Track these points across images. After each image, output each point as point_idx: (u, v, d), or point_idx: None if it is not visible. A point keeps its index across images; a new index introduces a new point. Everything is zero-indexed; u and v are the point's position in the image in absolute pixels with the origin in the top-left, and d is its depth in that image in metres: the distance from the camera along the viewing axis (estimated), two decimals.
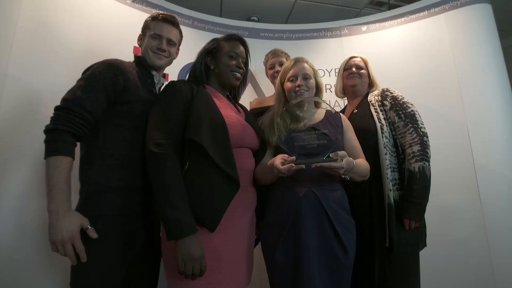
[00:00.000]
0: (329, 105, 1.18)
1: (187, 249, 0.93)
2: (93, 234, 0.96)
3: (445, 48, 2.16)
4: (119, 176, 1.08)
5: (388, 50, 2.37)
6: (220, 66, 1.26)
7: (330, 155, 1.05)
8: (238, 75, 1.27)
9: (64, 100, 1.01)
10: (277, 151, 1.29)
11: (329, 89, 2.38)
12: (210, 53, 1.31)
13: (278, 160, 1.06)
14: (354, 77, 1.69)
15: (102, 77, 1.07)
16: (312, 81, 1.32)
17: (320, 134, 1.13)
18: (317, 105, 1.33)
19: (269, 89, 2.24)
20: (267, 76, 2.06)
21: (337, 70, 2.42)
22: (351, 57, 1.77)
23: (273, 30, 2.56)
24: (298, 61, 1.35)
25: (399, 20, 2.41)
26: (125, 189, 1.08)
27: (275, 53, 1.95)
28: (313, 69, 1.36)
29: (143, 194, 1.13)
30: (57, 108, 1.00)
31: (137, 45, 1.39)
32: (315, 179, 1.18)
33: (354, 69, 1.70)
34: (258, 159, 1.28)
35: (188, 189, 1.02)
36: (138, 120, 1.14)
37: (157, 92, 1.30)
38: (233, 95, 1.43)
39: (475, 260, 1.85)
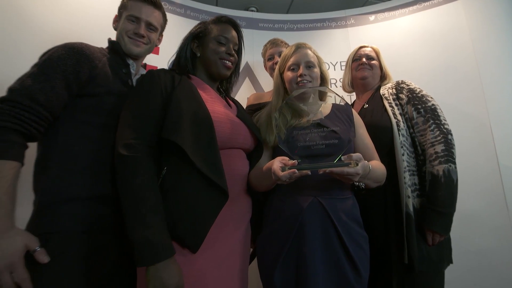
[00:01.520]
0: (339, 95, 0.98)
1: (160, 277, 0.73)
2: (42, 258, 0.77)
3: (464, 38, 1.96)
4: (83, 183, 0.88)
5: (399, 41, 2.18)
6: (207, 52, 1.08)
7: (342, 158, 0.85)
8: (228, 63, 1.08)
9: (10, 90, 0.82)
10: (275, 152, 1.09)
11: (334, 83, 2.18)
12: (196, 38, 1.12)
13: (276, 164, 0.86)
14: (364, 69, 1.50)
15: (61, 63, 0.88)
16: (317, 70, 1.12)
17: (328, 132, 0.93)
18: (322, 97, 1.13)
19: (268, 83, 2.04)
20: (266, 68, 1.86)
21: (342, 64, 2.25)
22: (361, 47, 1.58)
23: (273, 20, 2.37)
24: (300, 47, 1.15)
25: (410, 8, 2.21)
26: (90, 199, 0.89)
27: (274, 43, 1.76)
28: (318, 57, 1.17)
29: (115, 205, 0.94)
30: (0, 101, 0.81)
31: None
32: (321, 186, 0.98)
33: (364, 59, 1.51)
34: (253, 162, 1.09)
35: (165, 201, 0.83)
36: (108, 116, 0.96)
37: (133, 84, 1.11)
38: (225, 88, 1.23)
39: (502, 273, 1.65)
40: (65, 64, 0.88)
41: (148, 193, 0.79)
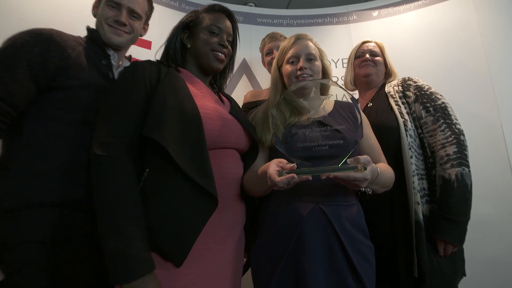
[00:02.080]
0: (343, 88, 0.87)
1: None
2: None
3: (473, 33, 1.86)
4: (51, 187, 0.78)
5: (403, 38, 2.08)
6: (198, 43, 0.98)
7: (348, 160, 0.74)
8: (221, 55, 0.98)
9: None
10: (272, 153, 0.99)
11: (336, 82, 2.08)
12: (187, 28, 1.02)
13: (272, 167, 0.75)
14: (368, 65, 1.40)
15: (25, 51, 0.78)
16: (318, 64, 1.02)
17: (332, 131, 0.82)
18: (324, 92, 1.03)
19: (266, 80, 1.95)
20: (264, 64, 1.76)
21: (344, 61, 2.15)
22: (364, 42, 1.48)
23: (272, 15, 2.28)
24: (300, 38, 1.05)
25: (415, 3, 2.12)
26: (61, 205, 0.79)
27: (273, 37, 1.65)
28: (319, 49, 1.07)
29: (91, 212, 0.83)
30: None
31: None
32: (323, 192, 0.88)
33: (367, 55, 1.41)
34: (247, 164, 0.99)
35: (146, 208, 0.73)
36: (85, 112, 0.86)
37: (115, 77, 1.00)
38: (218, 84, 1.13)
39: None
40: (30, 52, 0.78)
41: (125, 198, 0.69)
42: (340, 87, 0.88)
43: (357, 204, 0.95)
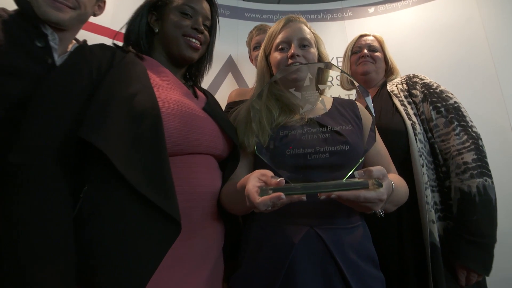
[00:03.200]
0: (347, 74, 0.69)
1: None
2: None
3: (476, 30, 1.73)
4: None
5: (402, 36, 1.95)
6: (167, 27, 0.80)
7: (355, 173, 0.56)
8: (195, 42, 0.80)
9: None
10: (258, 161, 0.80)
11: (330, 81, 1.91)
12: (155, 8, 0.83)
13: (252, 182, 0.55)
14: (366, 62, 1.24)
15: None
16: (314, 51, 0.84)
17: (334, 134, 0.64)
18: (321, 81, 0.84)
19: (254, 78, 1.75)
20: (251, 60, 1.58)
21: (339, 60, 1.99)
22: (361, 36, 1.33)
23: (261, 10, 2.11)
24: (291, 20, 0.87)
25: None
26: None
27: (261, 29, 1.48)
28: (315, 35, 0.89)
29: None
30: None
31: None
32: (320, 211, 0.69)
33: (365, 50, 1.25)
34: (227, 174, 0.79)
35: (82, 236, 0.54)
36: (8, 107, 0.65)
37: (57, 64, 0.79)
38: (194, 78, 0.94)
39: None
40: None
41: (40, 227, 0.49)
42: (342, 71, 0.69)
43: (363, 225, 0.77)
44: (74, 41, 0.89)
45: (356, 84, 0.62)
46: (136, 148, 0.57)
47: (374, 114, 0.60)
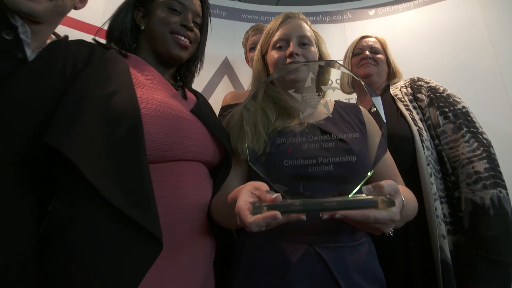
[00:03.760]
0: (353, 74, 0.62)
1: None
2: None
3: (480, 32, 1.69)
4: None
5: (403, 39, 1.91)
6: (154, 23, 0.74)
7: (363, 189, 0.48)
8: (184, 40, 0.74)
9: None
10: (252, 168, 0.72)
11: (330, 85, 1.86)
12: (141, 3, 0.76)
13: (244, 197, 0.48)
14: (368, 64, 1.19)
15: None
16: (314, 50, 0.78)
17: (337, 143, 0.56)
18: (323, 82, 0.77)
19: (250, 80, 1.69)
20: (247, 61, 1.51)
21: (339, 63, 1.94)
22: (363, 37, 1.27)
23: (259, 11, 2.06)
24: (290, 17, 0.82)
25: (415, 1, 1.95)
26: None
27: (258, 29, 1.41)
28: (315, 33, 0.83)
29: None
30: None
31: None
32: (320, 228, 0.62)
33: (367, 52, 1.19)
34: (217, 183, 0.72)
35: (47, 257, 0.47)
36: None
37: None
38: (184, 78, 0.87)
39: None
40: None
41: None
42: (347, 69, 0.61)
43: (368, 241, 0.69)
44: (53, 36, 0.81)
45: (364, 84, 0.54)
46: (111, 154, 0.49)
47: (385, 120, 0.53)
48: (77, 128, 0.48)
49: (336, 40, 2.00)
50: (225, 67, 1.84)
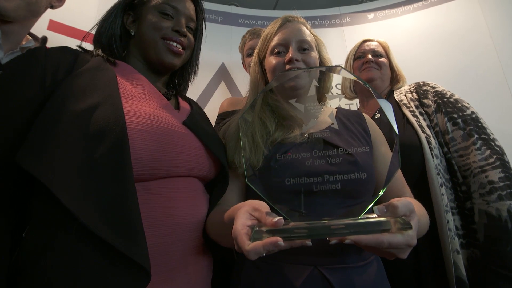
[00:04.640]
0: (362, 81, 0.56)
1: None
2: None
3: (482, 36, 1.65)
4: None
5: (403, 42, 1.87)
6: (144, 28, 0.69)
7: (375, 209, 0.42)
8: (177, 46, 0.70)
9: None
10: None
11: (330, 90, 1.81)
12: (131, 8, 0.72)
13: (242, 220, 0.42)
14: (371, 68, 1.15)
15: None
16: (315, 55, 0.73)
17: (344, 158, 0.51)
18: (325, 90, 0.73)
19: (248, 87, 1.65)
20: (244, 67, 1.46)
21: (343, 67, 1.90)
22: (365, 41, 1.24)
23: (256, 16, 2.02)
24: (289, 20, 0.77)
25: (415, 5, 1.91)
26: None
27: (255, 33, 1.37)
28: (316, 37, 0.79)
29: None
30: None
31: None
32: (326, 248, 0.56)
33: (370, 56, 1.15)
34: (214, 199, 0.67)
35: None
36: None
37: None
38: (178, 87, 0.83)
39: None
40: None
41: None
42: (362, 81, 0.56)
43: (376, 259, 0.63)
44: (29, 37, 0.76)
45: (372, 89, 0.49)
46: (92, 175, 0.44)
47: (398, 132, 0.47)
48: (52, 146, 0.43)
49: (335, 44, 1.96)
50: (222, 73, 1.80)
